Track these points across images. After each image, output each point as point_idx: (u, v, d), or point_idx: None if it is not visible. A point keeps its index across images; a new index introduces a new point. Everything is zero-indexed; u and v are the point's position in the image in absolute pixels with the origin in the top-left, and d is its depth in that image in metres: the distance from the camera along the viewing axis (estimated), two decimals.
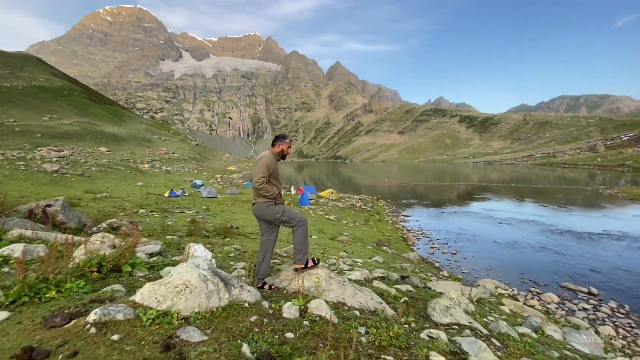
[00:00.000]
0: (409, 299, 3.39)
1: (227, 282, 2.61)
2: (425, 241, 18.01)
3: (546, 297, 10.40)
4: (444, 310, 3.05)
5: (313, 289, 3.14)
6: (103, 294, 2.40)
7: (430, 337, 2.59)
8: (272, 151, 3.61)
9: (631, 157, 75.48)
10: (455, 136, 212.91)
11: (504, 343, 2.72)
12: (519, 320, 4.08)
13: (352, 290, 3.17)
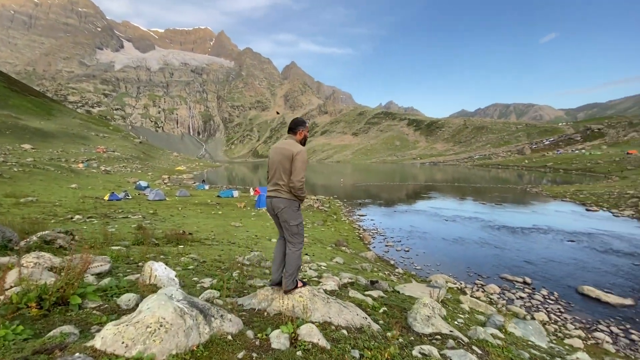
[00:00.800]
0: (387, 308, 3.36)
1: (207, 314, 2.29)
2: (380, 240, 18.69)
3: (489, 289, 11.40)
4: (426, 320, 3.04)
5: (299, 310, 2.93)
6: (50, 341, 1.92)
7: (423, 354, 2.58)
8: (296, 139, 3.32)
9: (551, 159, 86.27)
10: (404, 138, 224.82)
11: (485, 350, 2.84)
12: (481, 318, 4.39)
13: (337, 308, 3.02)
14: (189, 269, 4.84)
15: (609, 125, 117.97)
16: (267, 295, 3.24)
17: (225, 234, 12.44)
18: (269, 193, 3.26)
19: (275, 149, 3.30)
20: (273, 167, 3.24)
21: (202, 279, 3.94)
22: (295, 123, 3.41)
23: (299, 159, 3.13)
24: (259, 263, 6.20)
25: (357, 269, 8.38)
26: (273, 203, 3.21)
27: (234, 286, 3.65)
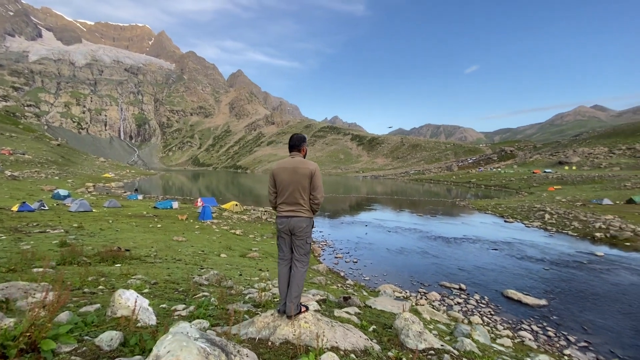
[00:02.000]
0: (375, 326, 3.37)
1: (227, 351, 2.01)
2: (330, 251, 18.95)
3: (431, 296, 12.24)
4: (418, 336, 3.09)
5: (307, 338, 2.74)
6: None
7: None
8: (301, 156, 3.34)
9: (474, 175, 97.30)
10: (348, 152, 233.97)
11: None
12: (443, 328, 4.69)
13: (342, 331, 2.93)
14: (144, 292, 4.31)
15: (518, 148, 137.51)
16: (267, 322, 3.00)
17: (168, 250, 11.43)
18: (286, 213, 3.16)
19: (286, 169, 3.21)
20: (288, 187, 3.17)
21: (174, 306, 3.51)
22: (298, 139, 3.42)
23: (318, 175, 3.24)
24: (218, 283, 5.79)
25: (314, 284, 8.36)
26: (293, 223, 3.14)
27: (216, 313, 3.32)
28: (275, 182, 3.26)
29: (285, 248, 3.23)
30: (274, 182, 3.28)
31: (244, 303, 3.88)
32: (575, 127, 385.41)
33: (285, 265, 3.24)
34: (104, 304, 3.05)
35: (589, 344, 8.53)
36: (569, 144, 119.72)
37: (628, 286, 12.90)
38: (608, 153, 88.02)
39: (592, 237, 21.86)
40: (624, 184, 45.76)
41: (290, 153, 3.41)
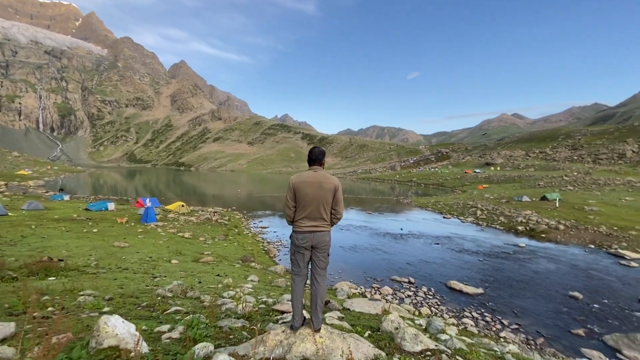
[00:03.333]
0: (370, 331, 3.43)
1: None
2: (285, 252, 18.84)
3: (384, 290, 12.91)
4: (414, 339, 3.21)
5: (325, 353, 2.68)
6: None
7: None
8: (322, 169, 3.28)
9: (415, 175, 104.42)
10: (299, 151, 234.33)
11: (467, 358, 3.23)
12: (418, 323, 4.96)
13: (353, 342, 2.94)
14: (105, 312, 3.83)
15: (453, 150, 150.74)
16: (279, 340, 2.87)
17: (110, 258, 10.33)
18: (308, 228, 3.11)
19: (311, 183, 3.13)
20: (312, 202, 3.10)
21: (157, 327, 3.18)
22: (320, 153, 3.35)
23: (341, 190, 3.22)
24: (184, 294, 5.40)
25: (281, 287, 8.27)
26: (317, 237, 3.11)
27: (211, 332, 3.05)
28: (296, 196, 3.15)
29: (303, 264, 3.19)
30: (294, 196, 3.16)
31: (226, 317, 3.68)
32: (499, 132, 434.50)
33: (301, 282, 3.20)
34: (74, 332, 2.66)
35: (519, 325, 9.79)
36: (494, 147, 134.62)
37: (546, 273, 15.04)
38: (525, 156, 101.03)
39: (516, 230, 24.98)
40: (538, 183, 53.00)
41: (311, 166, 3.31)
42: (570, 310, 10.95)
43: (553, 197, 34.45)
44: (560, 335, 9.24)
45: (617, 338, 8.59)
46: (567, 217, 26.72)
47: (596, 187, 42.58)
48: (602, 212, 27.60)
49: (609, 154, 79.14)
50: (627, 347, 8.16)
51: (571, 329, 9.58)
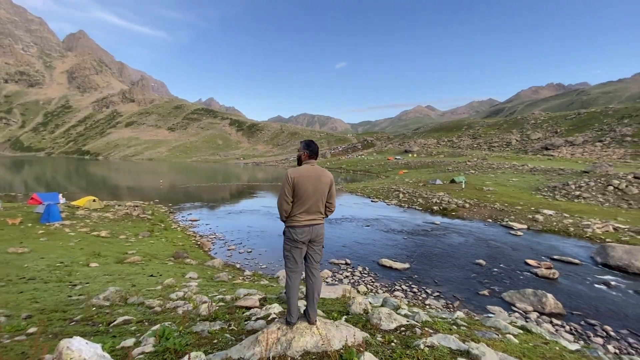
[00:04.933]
0: (346, 316, 3.55)
1: None
2: (221, 244, 18.16)
3: (324, 274, 13.47)
4: (389, 317, 3.47)
5: (325, 343, 2.65)
6: None
7: (431, 347, 2.93)
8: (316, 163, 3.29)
9: (344, 162, 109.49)
10: (227, 138, 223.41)
11: (434, 328, 3.55)
12: (375, 302, 5.30)
13: (345, 329, 3.00)
14: (31, 333, 3.15)
15: (377, 138, 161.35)
16: (276, 338, 2.78)
17: (7, 267, 8.52)
18: (307, 222, 3.10)
19: (309, 177, 3.11)
20: (313, 196, 3.10)
21: (119, 343, 2.74)
22: (317, 148, 3.37)
23: (333, 184, 3.30)
24: (124, 301, 4.79)
25: (226, 281, 7.95)
26: (316, 230, 3.15)
27: (191, 340, 2.73)
28: (295, 191, 3.08)
29: (300, 259, 3.17)
30: (292, 191, 3.09)
31: (200, 321, 3.40)
32: (415, 122, 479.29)
33: (297, 278, 3.17)
34: None
35: (440, 293, 11.32)
36: (411, 136, 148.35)
37: (457, 245, 17.52)
38: (436, 144, 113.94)
39: (432, 210, 28.30)
40: (448, 167, 60.51)
41: (310, 160, 3.27)
42: (477, 275, 13.05)
43: (460, 180, 39.83)
44: (471, 297, 10.99)
45: (511, 294, 10.60)
46: (471, 197, 31.26)
47: (491, 170, 50.50)
48: (496, 192, 33.01)
49: (500, 143, 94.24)
50: (519, 301, 10.15)
51: (479, 290, 11.46)
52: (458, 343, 3.04)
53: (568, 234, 19.44)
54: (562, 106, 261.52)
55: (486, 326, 4.25)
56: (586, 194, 28.10)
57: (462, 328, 3.72)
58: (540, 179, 38.79)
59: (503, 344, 3.20)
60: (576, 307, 10.08)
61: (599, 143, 69.96)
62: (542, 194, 30.90)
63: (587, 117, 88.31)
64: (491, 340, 3.31)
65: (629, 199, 25.76)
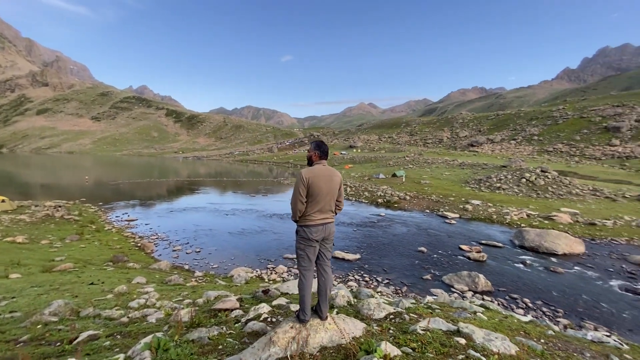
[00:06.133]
0: (336, 309, 3.64)
1: None
2: (165, 245, 16.98)
3: (279, 269, 13.50)
4: (378, 307, 3.65)
5: (338, 336, 2.77)
6: None
7: (426, 330, 3.13)
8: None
9: (292, 156, 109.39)
10: (163, 130, 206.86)
11: (417, 313, 3.76)
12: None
13: (350, 322, 3.13)
14: None
15: (323, 134, 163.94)
16: (291, 337, 2.75)
17: None
18: (321, 221, 3.17)
19: (323, 177, 3.18)
20: (326, 195, 3.17)
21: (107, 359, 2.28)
22: (327, 148, 3.41)
23: (342, 184, 3.37)
24: (76, 314, 4.20)
25: (184, 286, 7.47)
26: (329, 228, 3.23)
27: (194, 349, 2.45)
28: (309, 191, 3.12)
29: (313, 257, 3.18)
30: (306, 191, 3.12)
31: (196, 327, 3.16)
32: (359, 119, 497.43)
33: (310, 276, 3.16)
34: None
35: (389, 280, 12.15)
36: (355, 132, 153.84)
37: (402, 235, 18.86)
38: (378, 140, 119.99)
39: (377, 202, 29.90)
40: (389, 162, 64.25)
41: (321, 160, 3.33)
42: (420, 261, 14.26)
43: (400, 174, 42.67)
44: (417, 282, 12.01)
45: (450, 277, 11.84)
46: (411, 190, 33.74)
47: (427, 165, 54.97)
48: (432, 184, 36.12)
49: (433, 139, 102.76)
50: (457, 282, 11.39)
51: (422, 275, 12.57)
52: (447, 325, 3.37)
53: (492, 221, 22.21)
54: (484, 108, 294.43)
55: (454, 307, 4.76)
56: (505, 186, 32.27)
57: (437, 311, 4.14)
58: (468, 172, 43.40)
59: (477, 322, 3.67)
60: (501, 284, 11.68)
61: (513, 141, 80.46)
62: (470, 186, 34.64)
63: (504, 118, 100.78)
64: (467, 319, 3.77)
65: (537, 189, 30.27)
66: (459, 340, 2.97)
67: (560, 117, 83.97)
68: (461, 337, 3.08)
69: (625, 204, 25.76)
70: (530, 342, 3.28)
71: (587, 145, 64.41)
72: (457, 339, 3.01)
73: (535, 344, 3.26)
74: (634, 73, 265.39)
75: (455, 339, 3.01)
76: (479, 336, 3.05)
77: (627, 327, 8.71)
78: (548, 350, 3.19)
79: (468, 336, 3.07)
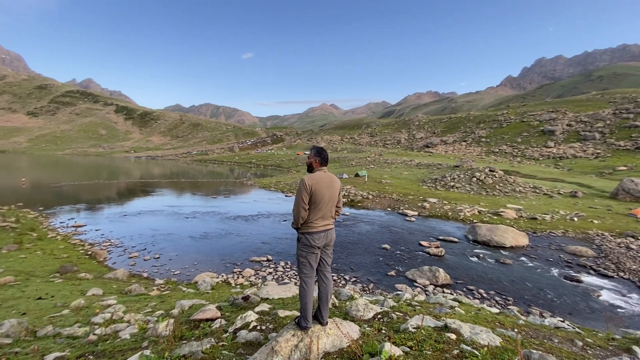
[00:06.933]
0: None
1: None
2: (119, 252, 15.83)
3: (246, 273, 13.24)
4: (367, 308, 3.71)
5: (339, 340, 2.83)
6: None
7: (418, 328, 3.21)
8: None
9: (254, 156, 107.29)
10: (113, 127, 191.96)
11: (402, 311, 3.85)
12: None
13: (347, 325, 3.20)
14: None
15: (286, 133, 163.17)
16: (294, 344, 2.73)
17: None
18: (323, 227, 3.19)
19: (324, 183, 3.19)
20: (328, 202, 3.19)
21: None
22: (327, 155, 3.40)
23: (341, 189, 3.42)
24: (32, 334, 3.74)
25: (149, 296, 6.99)
26: (330, 235, 3.27)
27: None
28: (312, 198, 3.12)
29: (315, 264, 3.17)
30: (309, 198, 3.11)
31: (197, 341, 2.96)
32: (321, 119, 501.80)
33: (312, 283, 3.13)
34: None
35: (357, 277, 12.48)
36: (318, 132, 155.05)
37: (366, 233, 19.44)
38: (340, 140, 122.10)
39: None
40: (351, 162, 65.69)
41: (322, 167, 3.34)
42: (384, 258, 14.83)
43: (363, 174, 43.85)
44: (382, 279, 12.49)
45: (412, 272, 12.48)
46: (373, 189, 34.83)
47: (387, 165, 57.08)
48: (392, 184, 37.62)
49: (392, 141, 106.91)
50: (419, 277, 12.04)
51: (387, 272, 13.09)
52: (434, 321, 3.56)
53: (448, 217, 23.70)
54: (438, 111, 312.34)
55: (432, 303, 5.05)
56: (458, 185, 34.60)
57: (418, 308, 4.37)
58: (425, 172, 45.85)
59: (457, 316, 3.94)
60: (459, 277, 12.57)
61: (464, 142, 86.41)
62: (427, 185, 36.64)
63: (456, 121, 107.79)
64: (447, 314, 4.03)
65: (486, 187, 32.86)
66: (449, 335, 3.16)
67: (504, 120, 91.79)
68: (451, 332, 3.26)
69: (560, 200, 28.92)
70: (508, 332, 3.60)
71: (527, 147, 71.14)
72: (448, 334, 3.19)
73: (514, 334, 3.58)
74: (566, 82, 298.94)
75: (446, 334, 3.18)
76: (466, 331, 3.26)
77: (567, 311, 9.86)
78: (525, 339, 3.53)
79: (457, 331, 3.27)
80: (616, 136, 64.46)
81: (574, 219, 22.07)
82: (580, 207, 26.10)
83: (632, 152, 56.35)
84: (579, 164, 54.54)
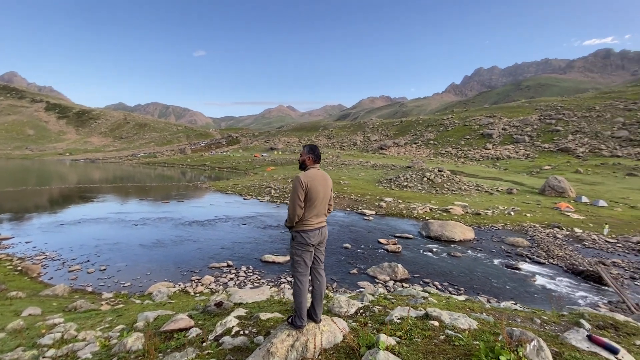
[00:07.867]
0: None
1: None
2: (57, 266, 14.19)
3: (205, 280, 12.66)
4: (348, 304, 3.74)
5: (333, 336, 2.88)
6: None
7: (402, 319, 3.30)
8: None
9: (208, 158, 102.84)
10: (43, 127, 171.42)
11: (382, 305, 3.84)
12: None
13: (338, 321, 3.27)
14: None
15: (242, 135, 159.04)
16: (290, 344, 2.68)
17: None
18: (317, 225, 3.16)
19: (318, 180, 3.16)
20: (323, 199, 3.16)
21: None
22: (320, 152, 3.40)
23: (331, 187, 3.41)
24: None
25: (101, 311, 6.28)
26: (324, 232, 3.23)
27: None
28: (307, 195, 3.06)
29: (310, 262, 3.12)
30: (305, 196, 3.05)
31: (138, 357, 2.64)
32: (278, 120, 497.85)
33: (307, 281, 3.09)
34: None
35: None
36: (275, 134, 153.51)
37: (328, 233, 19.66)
38: (298, 142, 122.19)
39: None
40: None
41: (315, 165, 3.32)
42: (346, 257, 15.17)
43: None
44: (345, 277, 12.76)
45: (373, 269, 12.93)
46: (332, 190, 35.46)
47: (344, 166, 58.43)
48: (350, 185, 38.60)
49: (348, 143, 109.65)
50: (379, 273, 12.51)
51: (349, 270, 13.41)
52: (415, 311, 3.71)
53: (402, 215, 24.94)
54: (390, 114, 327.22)
55: (405, 296, 5.26)
56: (411, 184, 36.57)
57: (394, 301, 4.53)
58: (380, 173, 47.74)
59: (432, 305, 4.16)
60: (416, 271, 13.30)
61: (414, 144, 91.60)
62: (382, 185, 38.17)
63: (407, 125, 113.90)
64: (423, 304, 4.24)
65: (436, 186, 35.17)
66: (433, 323, 3.33)
67: (449, 124, 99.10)
68: (433, 320, 3.44)
69: (499, 197, 31.98)
70: (482, 316, 3.90)
71: (469, 149, 77.52)
72: (431, 322, 3.36)
73: (488, 317, 3.88)
74: (500, 90, 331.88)
75: (430, 322, 3.36)
76: (446, 318, 3.46)
77: (510, 296, 10.95)
78: (497, 320, 3.85)
79: (438, 318, 3.46)
80: (542, 139, 73.06)
81: (511, 213, 24.55)
82: (515, 202, 29.11)
83: (555, 153, 64.31)
84: (513, 164, 60.81)
